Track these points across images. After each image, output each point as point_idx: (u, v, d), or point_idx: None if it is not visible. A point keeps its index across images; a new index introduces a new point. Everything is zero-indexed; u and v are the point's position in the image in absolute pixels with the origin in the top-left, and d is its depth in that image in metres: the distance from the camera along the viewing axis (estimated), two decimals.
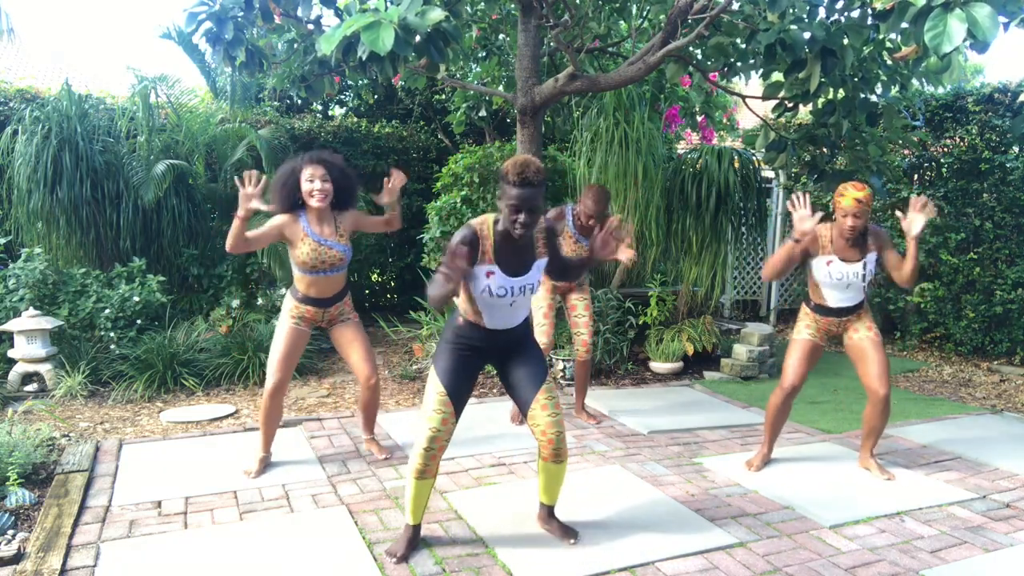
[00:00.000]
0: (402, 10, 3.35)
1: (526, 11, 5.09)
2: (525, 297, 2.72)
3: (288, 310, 3.57)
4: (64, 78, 6.32)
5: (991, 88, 6.40)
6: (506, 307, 2.69)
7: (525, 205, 2.51)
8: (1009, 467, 3.87)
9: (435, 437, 2.70)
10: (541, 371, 2.82)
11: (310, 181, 3.37)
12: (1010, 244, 6.30)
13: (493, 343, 2.79)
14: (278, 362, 3.53)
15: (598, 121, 5.92)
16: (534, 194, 2.50)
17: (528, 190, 2.50)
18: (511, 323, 2.77)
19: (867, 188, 3.37)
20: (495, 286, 2.62)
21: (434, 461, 2.73)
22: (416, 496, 2.78)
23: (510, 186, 2.52)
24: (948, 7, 2.78)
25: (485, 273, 2.62)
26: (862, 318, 3.66)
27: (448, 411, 2.70)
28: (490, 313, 2.71)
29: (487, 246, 2.63)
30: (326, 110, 9.18)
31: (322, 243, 3.44)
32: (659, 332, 5.98)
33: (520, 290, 2.66)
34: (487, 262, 2.62)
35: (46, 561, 2.70)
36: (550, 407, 2.77)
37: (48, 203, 5.56)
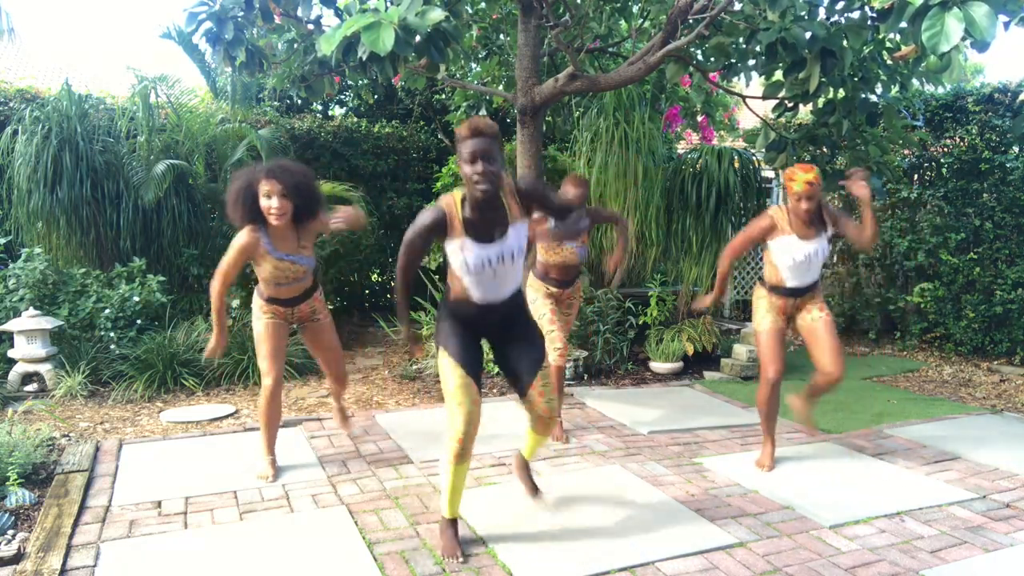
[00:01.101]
0: (402, 10, 3.35)
1: (526, 11, 5.09)
2: (509, 266, 2.67)
3: (258, 307, 3.53)
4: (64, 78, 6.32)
5: (991, 88, 6.40)
6: (490, 278, 2.65)
7: (480, 153, 2.47)
8: (1009, 467, 3.87)
9: (471, 421, 2.67)
10: (538, 356, 2.82)
11: (267, 197, 3.22)
12: (1010, 244, 6.30)
13: (485, 318, 2.77)
14: (268, 361, 3.49)
15: (598, 121, 5.93)
16: (488, 143, 2.48)
17: (481, 139, 2.48)
18: (500, 295, 2.72)
19: (815, 169, 3.44)
20: (471, 259, 2.59)
21: (471, 443, 2.71)
22: (454, 484, 2.75)
23: (463, 141, 2.51)
24: (946, 6, 2.78)
25: (458, 247, 2.60)
26: (815, 298, 3.72)
27: (474, 391, 2.69)
28: (476, 287, 2.67)
29: (455, 221, 2.59)
30: (326, 110, 9.18)
31: (283, 259, 3.36)
32: (659, 332, 5.98)
33: (499, 259, 2.62)
34: (457, 236, 2.60)
35: (46, 561, 2.70)
36: (547, 393, 2.82)
37: (48, 203, 5.56)
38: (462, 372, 2.68)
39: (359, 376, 5.71)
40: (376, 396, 5.17)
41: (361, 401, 5.06)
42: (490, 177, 2.50)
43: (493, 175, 2.51)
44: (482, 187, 2.50)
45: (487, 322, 2.79)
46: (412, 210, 7.96)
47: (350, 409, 4.82)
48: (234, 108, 6.99)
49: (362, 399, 5.10)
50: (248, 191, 3.26)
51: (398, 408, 4.87)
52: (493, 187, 2.53)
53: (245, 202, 3.26)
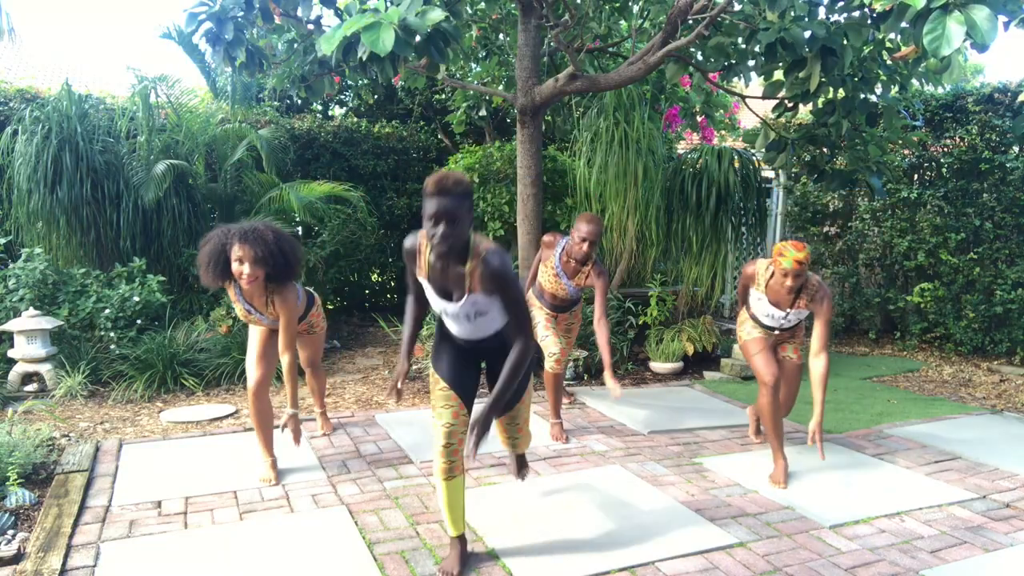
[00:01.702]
0: (402, 10, 3.35)
1: (526, 11, 5.09)
2: (467, 323, 2.56)
3: None
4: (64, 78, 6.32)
5: (991, 88, 6.40)
6: (461, 321, 2.56)
7: (441, 215, 2.28)
8: (1009, 467, 3.87)
9: (450, 432, 2.59)
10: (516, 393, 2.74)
11: (238, 262, 3.19)
12: (1010, 244, 6.30)
13: (469, 348, 2.71)
14: (255, 360, 3.50)
15: (598, 121, 5.92)
16: (452, 204, 2.28)
17: (445, 199, 2.28)
18: (475, 335, 2.62)
19: (806, 248, 3.40)
20: (432, 302, 2.57)
21: (457, 456, 2.61)
22: (450, 501, 2.64)
23: (427, 198, 2.32)
24: (947, 9, 2.78)
25: (424, 283, 2.58)
26: (795, 338, 3.85)
27: (455, 403, 2.61)
28: (449, 323, 2.62)
29: (422, 260, 2.54)
30: (326, 110, 9.18)
31: (251, 312, 3.46)
32: (659, 332, 5.98)
33: (455, 314, 2.53)
34: (423, 275, 2.55)
35: (46, 561, 2.70)
36: (511, 431, 2.90)
37: (48, 203, 5.56)
38: (443, 385, 2.62)
39: (359, 376, 5.71)
40: (376, 396, 5.17)
41: (361, 401, 5.06)
42: (448, 241, 2.32)
43: (452, 238, 2.32)
44: (439, 250, 2.36)
45: (470, 350, 2.72)
46: (412, 210, 7.97)
47: (350, 409, 4.82)
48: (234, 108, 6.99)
49: (362, 399, 5.10)
50: (221, 255, 3.22)
51: (398, 408, 4.87)
52: (451, 252, 2.38)
53: (217, 265, 3.24)
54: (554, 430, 4.20)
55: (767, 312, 3.67)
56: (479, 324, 2.55)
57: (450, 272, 2.46)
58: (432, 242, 2.34)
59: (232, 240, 3.19)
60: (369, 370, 5.89)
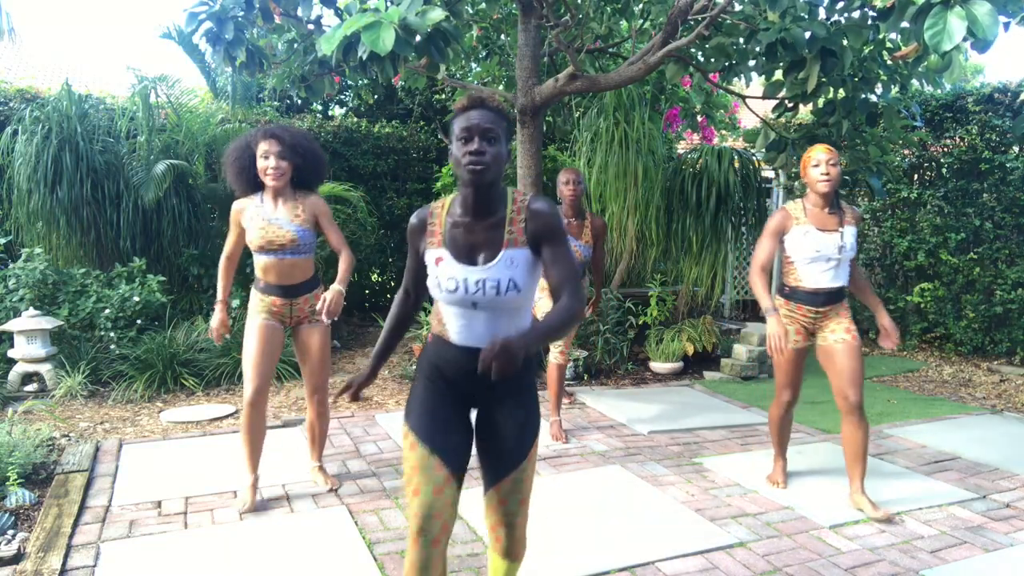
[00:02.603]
0: (402, 10, 3.35)
1: (526, 11, 5.09)
2: (495, 301, 1.88)
3: (253, 306, 3.23)
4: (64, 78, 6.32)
5: (991, 88, 6.40)
6: (471, 312, 1.91)
7: (478, 130, 1.80)
8: (1009, 467, 3.87)
9: (430, 513, 1.85)
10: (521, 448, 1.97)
11: (264, 158, 3.04)
12: (1010, 244, 6.30)
13: (467, 370, 1.94)
14: (252, 367, 3.11)
15: (598, 121, 5.92)
16: (492, 119, 1.83)
17: (483, 111, 1.83)
18: (485, 340, 1.93)
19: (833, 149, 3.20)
20: (444, 277, 1.90)
21: (436, 548, 1.86)
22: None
23: (459, 114, 1.86)
24: (948, 5, 2.78)
25: (435, 260, 1.94)
26: (841, 315, 3.29)
27: (439, 475, 1.87)
28: (453, 320, 1.95)
29: (436, 227, 1.95)
30: (326, 110, 9.18)
31: (271, 221, 3.10)
32: (659, 332, 5.98)
33: (477, 287, 1.86)
34: (436, 245, 1.94)
35: (46, 561, 2.70)
36: (510, 502, 1.99)
37: (48, 203, 5.56)
38: (422, 450, 1.89)
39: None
40: (376, 396, 5.17)
41: (361, 401, 5.06)
42: (486, 161, 1.81)
43: (493, 158, 1.82)
44: (473, 168, 1.80)
45: (469, 376, 1.95)
46: (412, 210, 7.97)
47: (350, 409, 4.82)
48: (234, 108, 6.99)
49: (362, 399, 5.10)
50: (246, 152, 3.11)
51: (398, 408, 4.87)
52: (490, 174, 1.83)
53: (243, 164, 3.10)
54: (554, 428, 4.21)
55: (818, 246, 3.18)
56: (501, 320, 1.92)
57: (479, 224, 1.90)
58: (465, 162, 1.81)
59: (257, 137, 3.07)
60: None
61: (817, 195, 3.21)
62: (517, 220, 1.90)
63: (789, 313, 3.34)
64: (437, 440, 1.91)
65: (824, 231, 3.20)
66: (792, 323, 3.33)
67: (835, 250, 3.19)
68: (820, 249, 3.18)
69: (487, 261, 1.88)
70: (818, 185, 3.17)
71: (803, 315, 3.30)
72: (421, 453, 1.89)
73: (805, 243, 3.21)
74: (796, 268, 3.27)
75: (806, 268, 3.23)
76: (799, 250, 3.22)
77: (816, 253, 3.19)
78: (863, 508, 3.25)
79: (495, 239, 1.90)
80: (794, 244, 3.24)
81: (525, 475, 1.99)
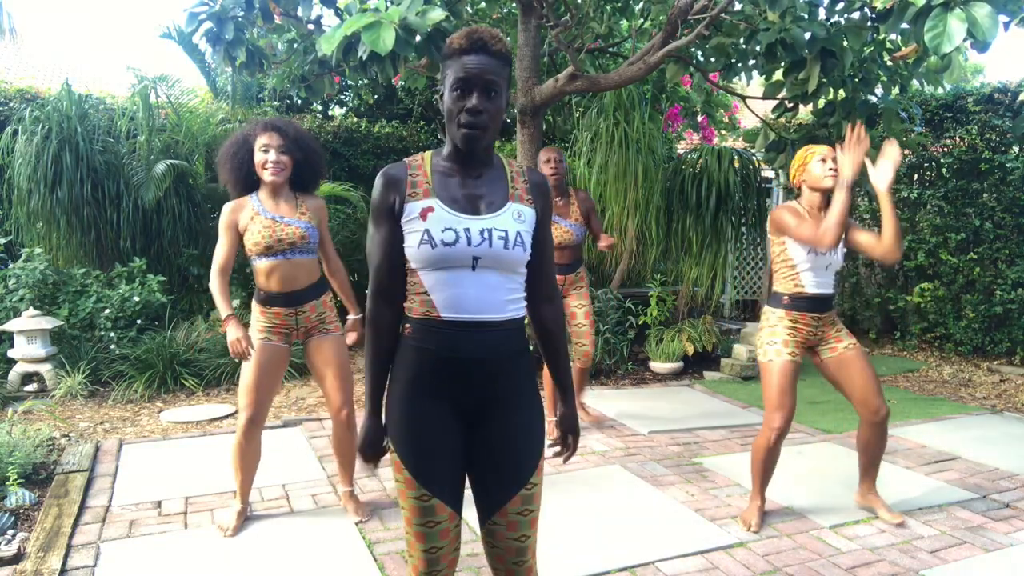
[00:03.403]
0: (403, 10, 3.35)
1: (526, 11, 5.09)
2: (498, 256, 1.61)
3: (255, 319, 2.96)
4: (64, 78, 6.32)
5: (991, 88, 6.41)
6: (467, 273, 1.61)
7: (479, 82, 1.55)
8: (1009, 467, 3.87)
9: (436, 559, 1.70)
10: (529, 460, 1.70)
11: (263, 151, 2.84)
12: (1010, 244, 6.30)
13: (460, 358, 1.64)
14: (247, 393, 2.88)
15: (598, 121, 5.93)
16: (495, 67, 1.56)
17: (484, 57, 1.56)
18: (483, 310, 1.63)
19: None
20: (437, 228, 1.59)
21: None
22: None
23: (452, 58, 1.59)
24: (948, 7, 2.78)
25: (420, 212, 1.61)
26: (836, 324, 3.13)
27: (443, 517, 1.67)
28: (442, 288, 1.62)
29: (420, 177, 1.65)
30: (326, 110, 9.18)
31: (278, 220, 2.88)
32: (659, 332, 5.98)
33: (483, 237, 1.59)
34: (422, 196, 1.63)
35: (46, 561, 2.70)
36: (521, 526, 1.70)
37: (48, 203, 5.56)
38: (418, 490, 1.66)
39: (359, 376, 5.71)
40: None
41: (361, 401, 5.06)
42: (487, 120, 1.58)
43: (491, 118, 1.59)
44: (470, 132, 1.58)
45: (463, 366, 1.64)
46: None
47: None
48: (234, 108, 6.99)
49: (362, 399, 5.09)
50: (244, 147, 2.89)
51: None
52: (489, 136, 1.61)
53: (240, 159, 2.88)
54: (551, 427, 4.19)
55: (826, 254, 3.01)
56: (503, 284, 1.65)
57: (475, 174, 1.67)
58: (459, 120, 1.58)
59: (256, 130, 2.87)
60: None
61: (819, 194, 3.03)
62: (518, 180, 1.71)
63: (791, 326, 3.05)
64: (436, 479, 1.66)
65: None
66: (794, 335, 3.04)
67: (838, 253, 3.06)
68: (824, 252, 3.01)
69: (490, 211, 1.64)
70: (825, 180, 2.97)
71: (806, 325, 3.05)
72: (421, 495, 1.66)
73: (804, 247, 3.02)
74: (799, 273, 3.04)
75: (808, 273, 3.03)
76: (801, 253, 3.02)
77: (821, 256, 3.01)
78: (876, 509, 3.21)
79: (497, 190, 1.67)
80: (798, 247, 3.02)
81: (536, 492, 1.71)
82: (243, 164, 2.91)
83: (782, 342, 3.03)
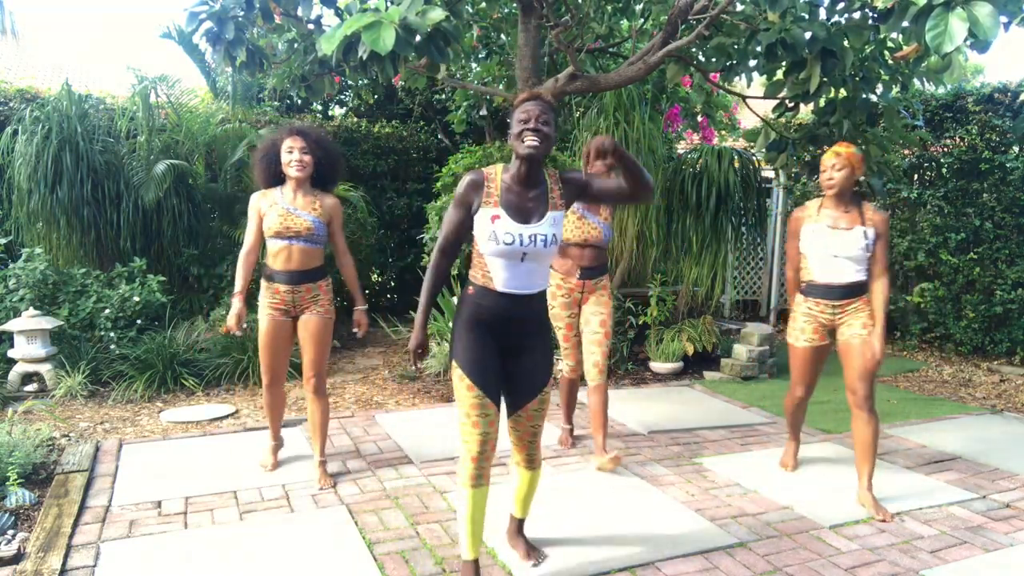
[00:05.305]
0: (403, 10, 3.35)
1: (527, 11, 5.09)
2: (541, 253, 2.42)
3: (261, 301, 3.49)
4: (64, 78, 6.32)
5: (991, 88, 6.40)
6: (517, 263, 2.41)
7: (534, 115, 2.35)
8: (1009, 467, 3.87)
9: (485, 441, 2.44)
10: (545, 375, 2.58)
11: (289, 152, 3.38)
12: (1010, 244, 6.30)
13: (505, 315, 2.47)
14: (263, 359, 3.54)
15: (598, 121, 5.92)
16: (545, 108, 2.38)
17: (539, 103, 2.39)
18: (526, 286, 2.46)
19: (853, 147, 3.27)
20: (501, 232, 2.38)
21: (489, 463, 2.48)
22: (473, 513, 2.48)
23: (519, 105, 2.41)
24: (949, 6, 2.78)
25: (490, 217, 2.40)
26: (861, 310, 3.30)
27: (492, 411, 2.44)
28: (502, 270, 2.42)
29: (493, 189, 2.43)
30: (326, 110, 9.17)
31: (291, 211, 3.39)
32: (659, 332, 5.98)
33: (531, 240, 2.38)
34: (492, 205, 2.41)
35: (46, 561, 2.70)
36: (537, 417, 2.59)
37: (48, 203, 5.56)
38: (477, 392, 2.42)
39: (359, 376, 5.71)
40: (376, 396, 5.17)
41: (361, 401, 5.06)
42: (541, 136, 2.35)
43: (544, 136, 2.36)
44: (531, 142, 2.34)
45: (507, 319, 2.48)
46: (412, 210, 7.97)
47: (350, 409, 4.82)
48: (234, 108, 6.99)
49: (362, 399, 5.10)
50: (272, 149, 3.45)
51: (398, 408, 4.87)
52: (542, 148, 2.37)
53: (269, 159, 3.45)
54: (563, 434, 4.19)
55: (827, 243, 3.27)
56: (539, 261, 2.45)
57: (529, 192, 2.44)
58: (524, 139, 2.35)
59: (283, 135, 3.43)
60: (369, 370, 5.88)
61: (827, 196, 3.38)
62: (556, 190, 2.49)
63: (808, 311, 3.41)
64: (489, 383, 2.45)
65: (835, 229, 3.28)
66: (810, 320, 3.41)
67: (844, 247, 3.25)
68: (828, 245, 3.29)
69: (538, 220, 2.43)
70: (823, 188, 3.35)
71: (821, 311, 3.38)
72: (477, 394, 2.43)
73: (814, 240, 3.34)
74: (808, 263, 3.40)
75: (815, 263, 3.35)
76: (808, 246, 3.38)
77: (822, 248, 3.31)
78: (866, 506, 3.30)
79: (542, 203, 2.45)
80: (805, 241, 3.39)
81: (546, 397, 2.59)
82: (271, 163, 3.45)
83: (799, 328, 3.46)
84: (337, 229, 3.53)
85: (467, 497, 2.47)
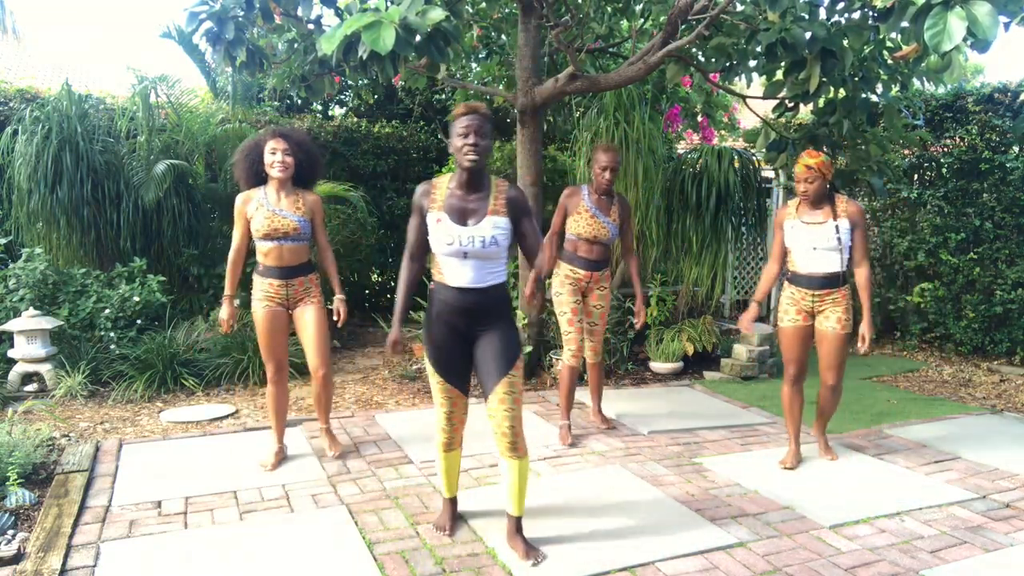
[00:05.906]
0: (403, 10, 3.35)
1: (527, 11, 5.09)
2: (481, 252, 2.67)
3: (255, 294, 3.62)
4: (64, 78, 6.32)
5: (991, 88, 6.40)
6: (462, 260, 2.69)
7: (473, 127, 2.61)
8: (1009, 467, 3.87)
9: (450, 415, 2.88)
10: (508, 357, 2.73)
11: (272, 153, 3.49)
12: (1010, 244, 6.30)
13: (461, 307, 2.73)
14: (264, 351, 3.67)
15: (598, 121, 5.92)
16: (482, 120, 2.63)
17: (476, 116, 2.64)
18: (475, 281, 2.71)
19: (821, 156, 3.64)
20: (443, 233, 2.68)
21: (457, 433, 2.93)
22: (447, 469, 2.98)
23: (458, 118, 2.66)
24: (948, 5, 2.78)
25: (435, 220, 2.71)
26: (837, 303, 3.73)
27: (453, 395, 2.84)
28: (449, 268, 2.72)
29: (437, 195, 2.74)
30: (326, 110, 9.17)
31: (277, 212, 3.52)
32: (659, 332, 5.98)
33: (470, 240, 2.65)
34: (437, 209, 2.72)
35: (46, 561, 2.70)
36: (508, 400, 2.71)
37: (48, 203, 5.56)
38: (439, 378, 2.82)
39: (359, 376, 5.71)
40: (376, 396, 5.17)
41: (361, 401, 5.06)
42: (479, 150, 2.62)
43: (482, 149, 2.63)
44: (470, 158, 2.62)
45: (463, 310, 2.73)
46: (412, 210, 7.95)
47: (350, 409, 4.82)
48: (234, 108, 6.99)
49: (362, 399, 5.10)
50: (255, 151, 3.56)
51: (398, 408, 4.87)
52: (481, 160, 2.64)
53: (252, 160, 3.55)
54: (562, 431, 4.19)
55: (805, 236, 3.67)
56: (484, 266, 2.71)
57: (470, 197, 2.71)
58: (464, 152, 2.62)
59: (266, 137, 3.55)
60: (369, 370, 5.89)
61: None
62: (499, 198, 2.73)
63: (791, 296, 3.80)
64: (449, 371, 2.81)
65: (811, 224, 3.67)
66: (793, 304, 3.79)
67: (820, 239, 3.64)
68: (805, 239, 3.68)
69: (476, 223, 2.69)
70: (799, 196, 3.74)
71: (802, 298, 3.76)
72: (439, 379, 2.82)
73: (795, 235, 3.72)
74: (792, 256, 3.80)
75: (796, 255, 3.75)
76: (791, 240, 3.76)
77: (802, 242, 3.69)
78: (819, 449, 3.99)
79: (482, 207, 2.71)
80: (788, 236, 3.78)
81: (516, 379, 2.75)
82: (254, 163, 3.56)
83: (784, 310, 3.83)
84: (320, 225, 3.69)
85: (441, 458, 2.98)
